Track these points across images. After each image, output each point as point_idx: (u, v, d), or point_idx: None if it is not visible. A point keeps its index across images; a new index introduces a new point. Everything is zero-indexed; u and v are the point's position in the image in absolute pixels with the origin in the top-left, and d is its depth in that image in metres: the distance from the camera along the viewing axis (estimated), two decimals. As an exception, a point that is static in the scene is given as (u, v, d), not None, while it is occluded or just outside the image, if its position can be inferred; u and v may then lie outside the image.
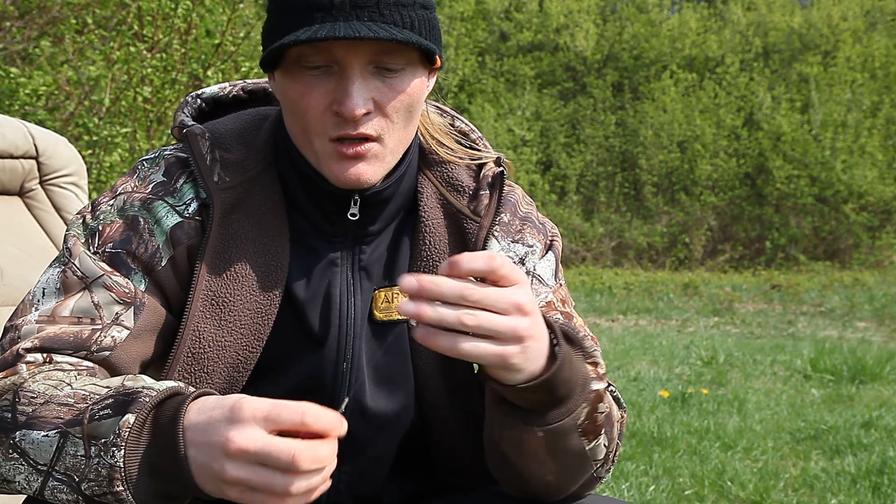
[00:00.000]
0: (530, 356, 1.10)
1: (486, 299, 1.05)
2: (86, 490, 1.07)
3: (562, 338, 1.15)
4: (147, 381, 1.12)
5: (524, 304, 1.07)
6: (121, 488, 1.05)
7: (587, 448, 1.21)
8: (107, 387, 1.12)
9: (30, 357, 1.20)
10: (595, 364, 1.21)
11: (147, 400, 1.07)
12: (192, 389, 1.09)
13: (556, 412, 1.16)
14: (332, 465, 1.01)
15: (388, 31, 1.18)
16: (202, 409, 1.04)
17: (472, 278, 1.06)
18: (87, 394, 1.11)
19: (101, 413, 1.07)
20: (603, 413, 1.22)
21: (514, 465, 1.23)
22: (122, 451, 1.05)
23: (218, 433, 1.01)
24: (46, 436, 1.09)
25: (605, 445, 1.24)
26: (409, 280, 1.03)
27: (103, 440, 1.06)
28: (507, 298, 1.06)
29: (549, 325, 1.15)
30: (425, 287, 1.03)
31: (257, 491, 0.99)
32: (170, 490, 1.07)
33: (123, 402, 1.08)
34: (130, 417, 1.06)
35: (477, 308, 1.05)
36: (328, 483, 1.02)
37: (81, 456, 1.07)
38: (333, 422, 1.00)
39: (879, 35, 16.84)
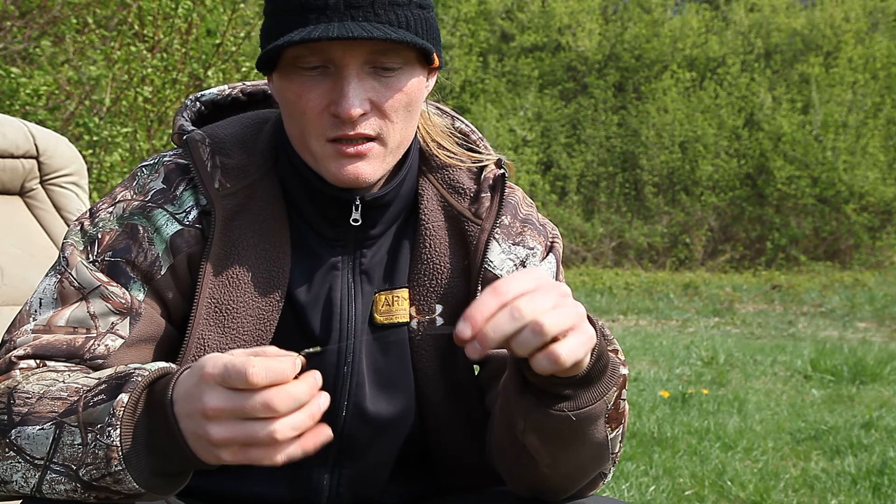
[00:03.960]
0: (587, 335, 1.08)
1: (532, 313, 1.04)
2: (84, 476, 1.07)
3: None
4: (138, 365, 1.12)
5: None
6: (119, 468, 1.05)
7: (609, 437, 1.22)
8: (98, 378, 1.12)
9: (23, 364, 1.20)
10: (616, 351, 1.22)
11: (139, 380, 1.07)
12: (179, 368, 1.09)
13: (588, 395, 1.15)
14: (317, 398, 1.00)
15: (382, 31, 1.18)
16: (184, 381, 1.04)
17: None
18: (80, 386, 1.11)
19: (96, 399, 1.08)
20: (625, 399, 1.22)
21: (533, 459, 1.21)
22: (118, 429, 1.05)
23: (194, 400, 1.01)
24: (42, 429, 1.09)
25: (620, 437, 1.24)
26: (464, 330, 1.03)
27: (99, 425, 1.06)
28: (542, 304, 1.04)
29: None
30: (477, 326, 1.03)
31: (249, 446, 0.99)
32: (168, 466, 1.07)
33: (117, 385, 1.08)
34: (124, 397, 1.06)
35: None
36: (326, 400, 1.01)
37: (79, 444, 1.07)
38: (282, 371, 0.98)
39: (881, 36, 16.81)
